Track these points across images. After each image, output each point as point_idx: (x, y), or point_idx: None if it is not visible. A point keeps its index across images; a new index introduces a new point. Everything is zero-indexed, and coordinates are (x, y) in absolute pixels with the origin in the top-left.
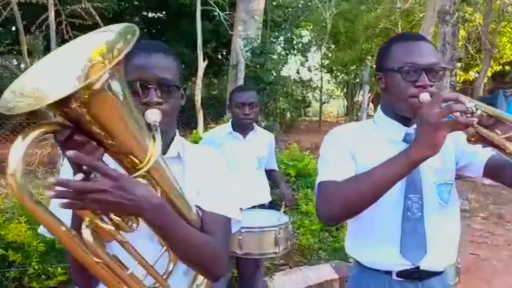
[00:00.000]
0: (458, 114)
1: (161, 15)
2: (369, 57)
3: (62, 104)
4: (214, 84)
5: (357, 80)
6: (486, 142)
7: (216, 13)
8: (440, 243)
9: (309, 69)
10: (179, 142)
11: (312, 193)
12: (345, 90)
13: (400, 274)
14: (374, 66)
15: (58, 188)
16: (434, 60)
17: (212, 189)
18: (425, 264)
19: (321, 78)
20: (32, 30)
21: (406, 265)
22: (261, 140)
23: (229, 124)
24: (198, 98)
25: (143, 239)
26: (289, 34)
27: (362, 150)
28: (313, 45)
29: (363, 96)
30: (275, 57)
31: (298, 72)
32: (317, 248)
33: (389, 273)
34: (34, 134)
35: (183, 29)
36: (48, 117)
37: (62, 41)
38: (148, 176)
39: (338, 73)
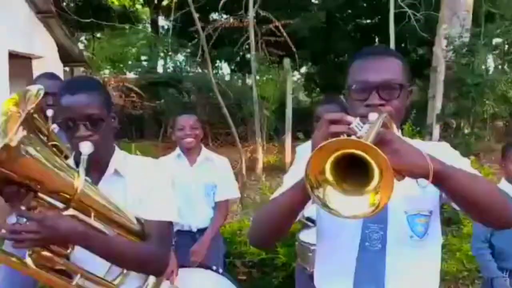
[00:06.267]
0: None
1: (375, 21)
2: None
3: None
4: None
5: None
6: None
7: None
8: (405, 282)
9: None
10: (119, 158)
11: None
12: None
13: None
14: None
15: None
16: (387, 77)
17: (149, 198)
18: None
19: None
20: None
21: None
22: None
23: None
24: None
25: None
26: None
27: None
28: None
29: None
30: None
31: None
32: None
33: None
34: None
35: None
36: None
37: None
38: (79, 203)
39: None
